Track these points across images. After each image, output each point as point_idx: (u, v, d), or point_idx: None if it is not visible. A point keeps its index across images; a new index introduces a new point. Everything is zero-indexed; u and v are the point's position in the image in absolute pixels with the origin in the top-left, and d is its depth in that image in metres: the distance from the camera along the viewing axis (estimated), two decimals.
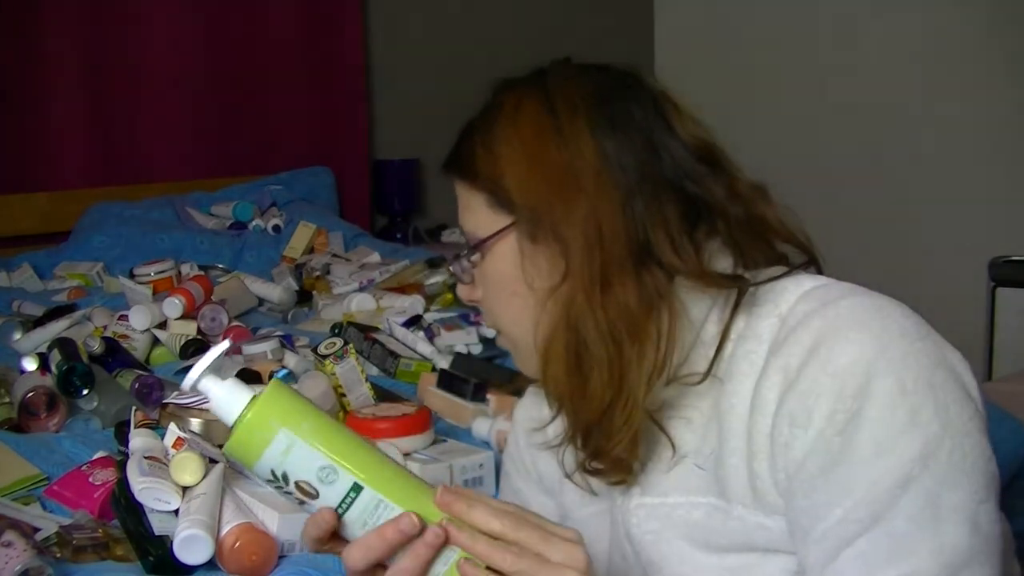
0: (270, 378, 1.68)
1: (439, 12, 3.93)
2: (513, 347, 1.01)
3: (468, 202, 0.99)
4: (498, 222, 0.96)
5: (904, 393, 0.86)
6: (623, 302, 0.91)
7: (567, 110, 0.95)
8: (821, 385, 0.87)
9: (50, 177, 3.18)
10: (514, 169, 0.95)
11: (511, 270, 0.96)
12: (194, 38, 3.39)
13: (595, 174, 0.92)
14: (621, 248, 0.91)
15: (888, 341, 0.87)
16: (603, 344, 0.91)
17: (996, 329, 3.26)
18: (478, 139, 0.98)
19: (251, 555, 1.15)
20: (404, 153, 3.77)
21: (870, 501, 0.85)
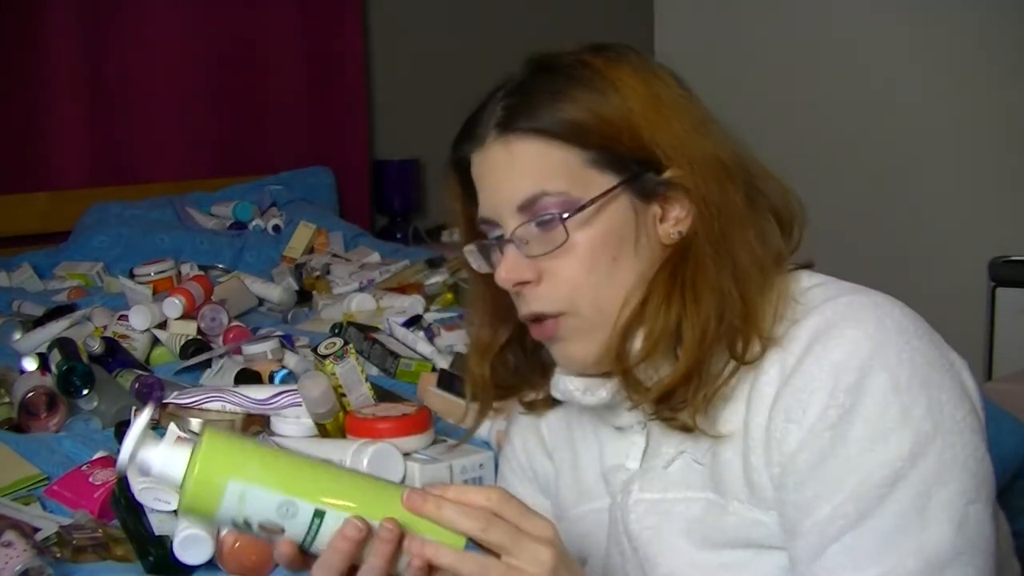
0: (270, 378, 1.69)
1: (439, 12, 3.93)
2: (581, 330, 0.95)
3: (547, 161, 0.92)
4: (598, 181, 0.92)
5: (897, 390, 0.86)
6: (743, 266, 0.91)
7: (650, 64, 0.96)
8: (816, 380, 0.87)
9: (50, 177, 3.17)
10: (639, 117, 0.91)
11: (617, 235, 0.92)
12: (194, 38, 3.39)
13: (712, 121, 0.94)
14: (743, 199, 0.92)
15: (884, 338, 0.87)
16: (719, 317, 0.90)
17: (996, 329, 3.26)
18: (573, 87, 0.93)
19: (251, 555, 1.15)
20: (404, 153, 3.77)
21: (858, 497, 0.85)
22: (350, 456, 1.29)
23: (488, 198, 0.96)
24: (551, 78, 0.94)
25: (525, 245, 0.93)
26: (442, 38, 3.92)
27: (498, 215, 0.95)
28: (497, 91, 0.97)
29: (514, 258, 0.94)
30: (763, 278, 0.92)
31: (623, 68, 0.93)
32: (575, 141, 0.91)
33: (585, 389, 0.97)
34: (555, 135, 0.91)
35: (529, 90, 0.94)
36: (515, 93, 0.95)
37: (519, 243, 0.93)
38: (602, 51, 0.95)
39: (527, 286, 0.94)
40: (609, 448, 1.03)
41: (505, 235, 0.94)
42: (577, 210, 0.91)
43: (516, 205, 0.93)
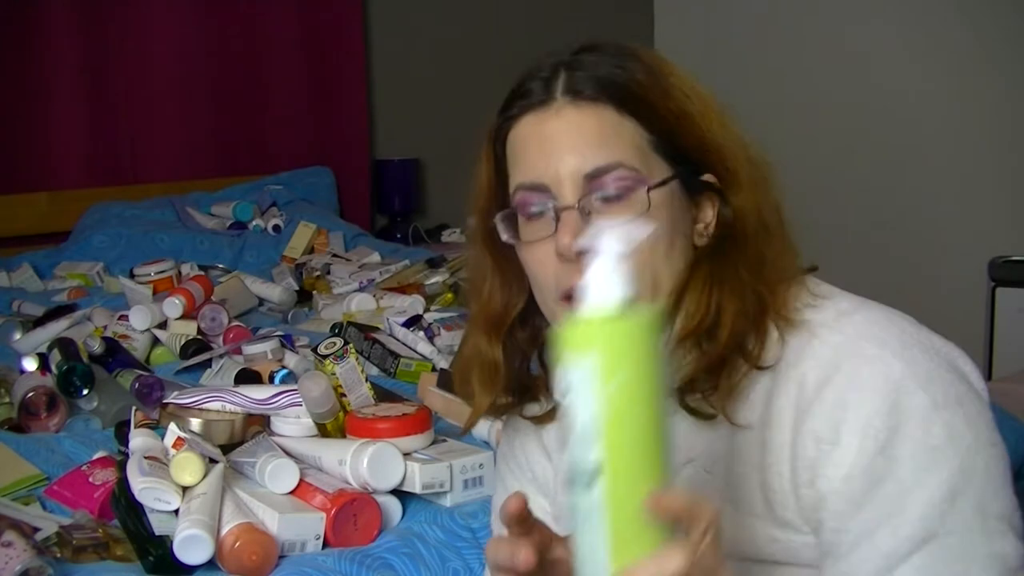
0: (270, 378, 1.69)
1: (439, 12, 3.93)
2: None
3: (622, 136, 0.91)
4: (659, 166, 0.92)
5: (937, 408, 0.86)
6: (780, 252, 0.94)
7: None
8: (848, 402, 0.86)
9: (50, 177, 3.17)
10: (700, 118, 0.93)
11: (674, 219, 0.92)
12: (194, 38, 3.39)
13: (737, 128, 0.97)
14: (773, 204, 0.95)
15: (911, 357, 0.87)
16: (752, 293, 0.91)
17: (996, 329, 3.26)
18: (648, 74, 0.93)
19: (251, 555, 1.15)
20: (404, 153, 3.77)
21: (921, 517, 0.84)
22: (350, 456, 1.29)
23: (547, 164, 0.91)
24: (612, 57, 0.93)
25: (588, 215, 0.90)
26: (442, 38, 3.92)
27: (557, 181, 0.91)
28: (550, 61, 0.94)
29: (576, 223, 0.90)
30: (786, 281, 0.93)
31: (671, 64, 0.95)
32: (645, 121, 0.91)
33: None
34: (629, 110, 0.91)
35: (596, 63, 0.93)
36: (580, 64, 0.93)
37: (583, 212, 0.90)
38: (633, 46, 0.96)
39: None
40: None
41: (565, 202, 0.90)
42: (660, 183, 0.91)
43: (585, 172, 0.90)
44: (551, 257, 0.91)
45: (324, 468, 1.32)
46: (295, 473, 1.27)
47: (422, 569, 1.22)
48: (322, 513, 1.23)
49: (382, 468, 1.28)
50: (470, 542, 1.28)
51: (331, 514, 1.23)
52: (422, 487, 1.30)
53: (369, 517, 1.26)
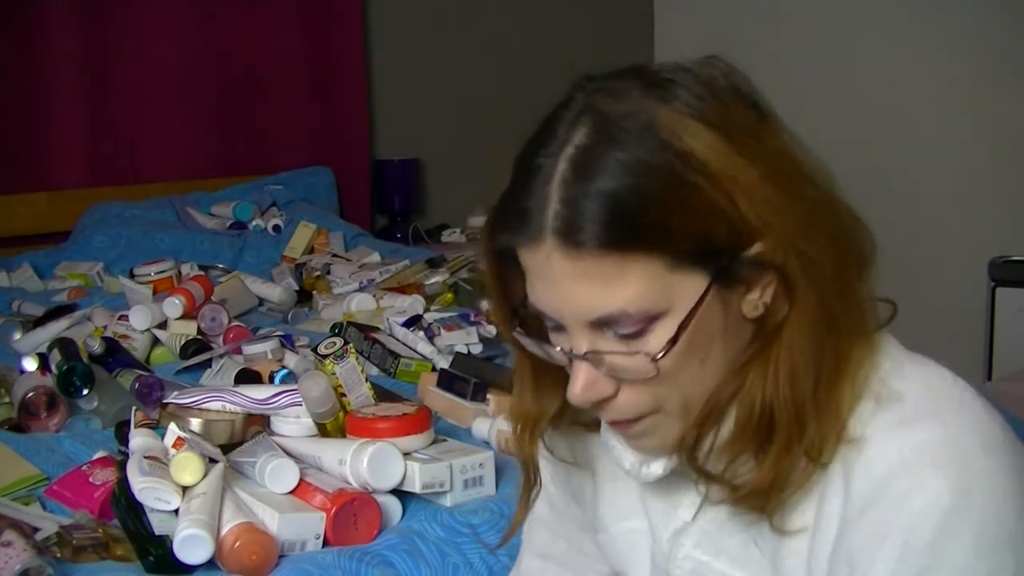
0: (270, 378, 1.69)
1: (439, 12, 3.93)
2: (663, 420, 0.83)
3: (627, 277, 0.77)
4: (680, 286, 0.78)
5: (981, 553, 0.76)
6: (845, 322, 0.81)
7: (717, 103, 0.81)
8: (889, 529, 0.77)
9: (50, 177, 3.17)
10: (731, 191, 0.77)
11: (704, 336, 0.79)
12: (194, 38, 3.39)
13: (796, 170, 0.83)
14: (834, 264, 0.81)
15: (968, 486, 0.77)
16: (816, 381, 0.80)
17: (996, 329, 3.25)
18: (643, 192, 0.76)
19: (251, 555, 1.15)
20: (404, 153, 3.77)
21: None
22: (350, 456, 1.29)
23: (549, 302, 0.81)
24: (618, 164, 0.76)
25: (601, 362, 0.80)
26: (442, 38, 3.91)
27: (563, 322, 0.81)
28: (549, 159, 0.79)
29: (589, 374, 0.80)
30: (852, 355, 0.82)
31: (694, 125, 0.78)
32: (656, 248, 0.76)
33: (641, 463, 0.89)
34: (631, 247, 0.76)
35: (591, 189, 0.76)
36: (574, 199, 0.77)
37: (594, 360, 0.80)
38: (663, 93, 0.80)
39: (605, 401, 0.82)
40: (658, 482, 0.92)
41: (576, 348, 0.81)
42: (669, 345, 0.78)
43: (588, 320, 0.79)
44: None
45: (324, 468, 1.32)
46: (295, 473, 1.27)
47: (422, 565, 1.22)
48: (322, 513, 1.23)
49: (382, 468, 1.28)
50: (470, 537, 1.28)
51: (331, 514, 1.23)
52: (422, 487, 1.30)
53: (369, 517, 1.26)
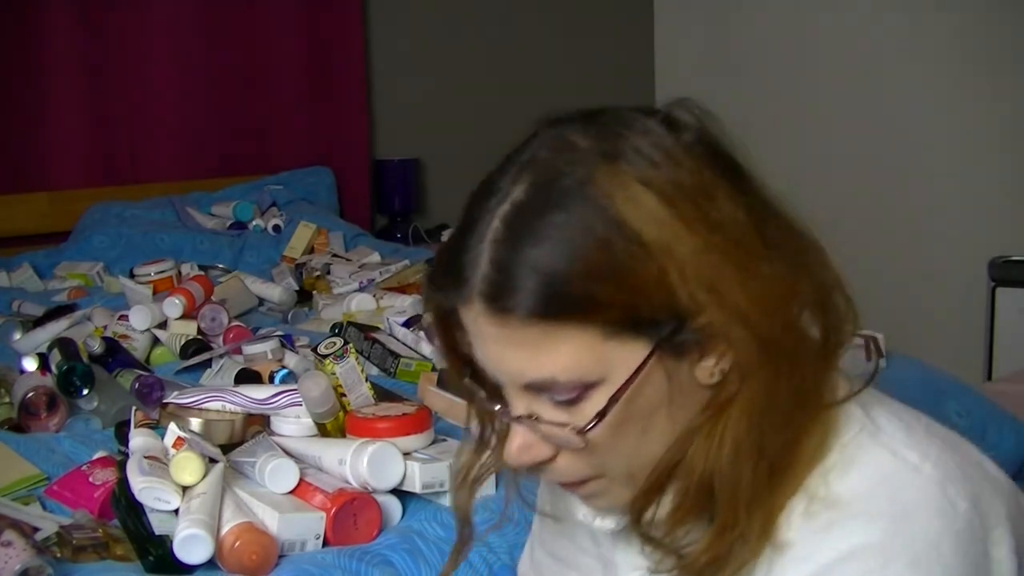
0: (270, 378, 1.69)
1: (439, 13, 3.93)
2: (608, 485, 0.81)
3: (556, 347, 0.74)
4: (616, 354, 0.74)
5: None
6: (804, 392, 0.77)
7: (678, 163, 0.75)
8: None
9: (50, 177, 3.17)
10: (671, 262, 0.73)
11: (652, 401, 0.76)
12: (194, 38, 3.39)
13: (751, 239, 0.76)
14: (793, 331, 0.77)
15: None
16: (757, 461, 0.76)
17: (996, 329, 3.26)
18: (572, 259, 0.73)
19: (251, 554, 1.15)
20: (404, 153, 3.77)
21: None
22: (350, 456, 1.29)
23: (485, 361, 0.79)
24: (550, 228, 0.73)
25: (537, 423, 0.78)
26: (442, 38, 3.91)
27: (502, 381, 0.79)
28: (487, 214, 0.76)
29: (525, 437, 0.79)
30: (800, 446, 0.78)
31: (635, 187, 0.73)
32: (588, 318, 0.73)
33: (594, 515, 0.87)
34: (561, 317, 0.73)
35: (520, 255, 0.73)
36: (503, 264, 0.74)
37: (530, 424, 0.78)
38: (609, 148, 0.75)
39: (543, 464, 0.80)
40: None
41: (512, 411, 0.79)
42: (597, 418, 0.76)
43: (521, 384, 0.77)
44: None
45: (324, 468, 1.32)
46: (295, 473, 1.27)
47: (421, 564, 1.22)
48: (322, 513, 1.23)
49: (382, 468, 1.28)
50: None
51: (331, 514, 1.23)
52: (422, 487, 1.30)
53: (369, 517, 1.26)
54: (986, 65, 3.53)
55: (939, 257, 3.65)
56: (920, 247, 3.70)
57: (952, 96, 3.62)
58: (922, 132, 3.69)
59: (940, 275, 3.61)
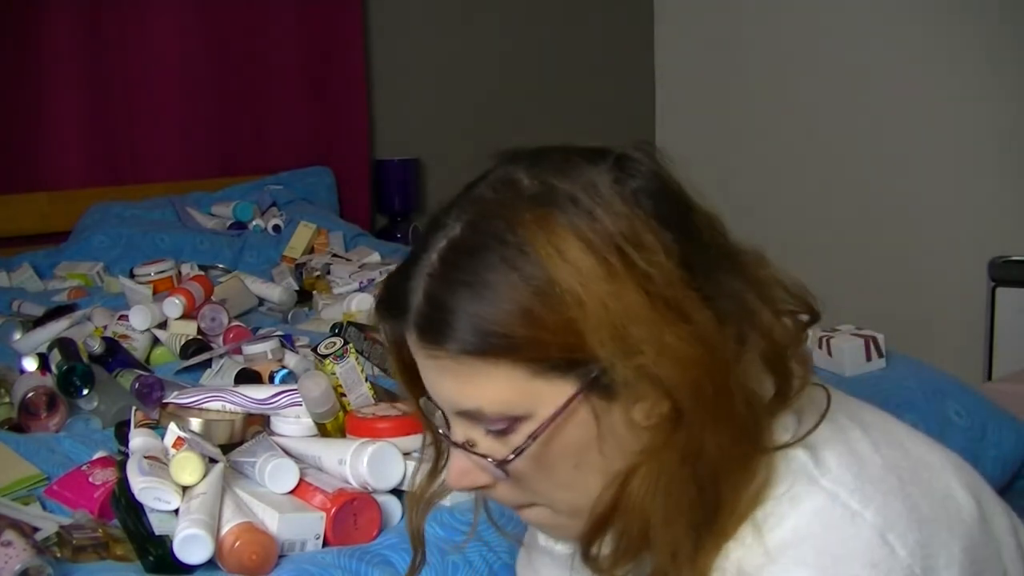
0: (270, 378, 1.69)
1: (439, 12, 3.93)
2: (556, 519, 0.84)
3: (484, 382, 0.77)
4: (543, 393, 0.77)
5: None
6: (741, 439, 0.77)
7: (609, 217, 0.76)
8: None
9: (50, 177, 3.18)
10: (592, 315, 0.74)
11: (580, 439, 0.78)
12: (194, 38, 3.39)
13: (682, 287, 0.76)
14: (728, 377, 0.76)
15: None
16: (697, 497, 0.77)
17: (996, 329, 3.26)
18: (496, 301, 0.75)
19: (251, 554, 1.15)
20: (404, 153, 3.77)
21: None
22: (350, 456, 1.29)
23: (426, 385, 0.83)
24: (478, 269, 0.76)
25: (473, 447, 0.81)
26: (442, 38, 3.92)
27: (438, 402, 0.83)
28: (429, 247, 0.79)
29: (463, 462, 0.82)
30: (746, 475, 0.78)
31: (563, 234, 0.75)
32: (514, 357, 0.76)
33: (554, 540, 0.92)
34: (487, 355, 0.76)
35: (449, 292, 0.77)
36: (437, 287, 0.78)
37: (464, 451, 0.81)
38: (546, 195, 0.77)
39: (490, 488, 0.83)
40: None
41: (451, 436, 0.82)
42: (516, 452, 0.78)
43: (455, 411, 0.81)
44: None
45: (324, 468, 1.32)
46: (295, 473, 1.27)
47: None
48: (322, 512, 1.23)
49: (382, 468, 1.28)
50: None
51: (331, 513, 1.23)
52: None
53: (369, 516, 1.26)
54: (986, 65, 3.53)
55: (939, 257, 3.65)
56: (920, 247, 3.70)
57: (952, 96, 3.62)
58: (922, 132, 3.69)
59: (940, 275, 3.61)
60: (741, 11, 4.12)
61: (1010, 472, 1.72)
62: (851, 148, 3.85)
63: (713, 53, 4.17)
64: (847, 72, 3.83)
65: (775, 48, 4.01)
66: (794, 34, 3.98)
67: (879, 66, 3.75)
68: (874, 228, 3.78)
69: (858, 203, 3.80)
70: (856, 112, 3.81)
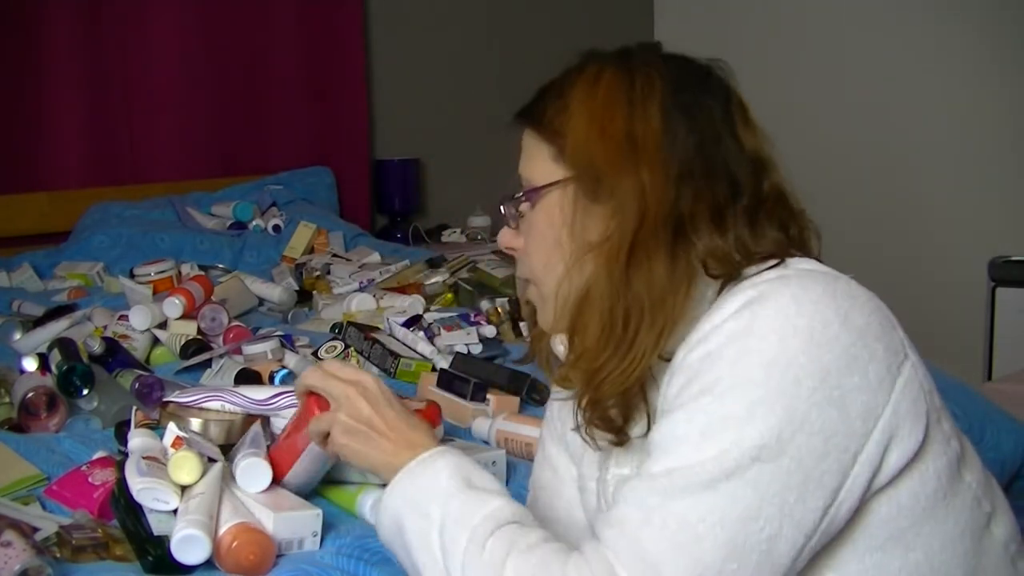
0: (270, 379, 1.69)
1: (439, 13, 3.93)
2: (541, 299, 1.07)
3: (532, 151, 1.06)
4: (556, 174, 1.03)
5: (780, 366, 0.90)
6: (653, 273, 0.97)
7: (644, 87, 1.01)
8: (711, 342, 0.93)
9: (50, 177, 3.18)
10: (580, 129, 1.01)
11: (560, 221, 1.02)
12: (194, 38, 3.39)
13: (655, 148, 0.99)
14: (663, 221, 0.98)
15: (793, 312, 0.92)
16: (623, 308, 0.97)
17: (996, 329, 3.26)
18: (554, 95, 1.04)
19: (248, 554, 1.15)
20: (404, 153, 3.77)
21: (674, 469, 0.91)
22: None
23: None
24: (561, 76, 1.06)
25: (510, 220, 1.09)
26: (442, 38, 3.92)
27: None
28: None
29: (507, 228, 1.10)
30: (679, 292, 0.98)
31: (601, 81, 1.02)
32: (548, 138, 1.04)
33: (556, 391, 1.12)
34: (537, 131, 1.06)
35: (548, 86, 1.07)
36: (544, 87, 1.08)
37: (507, 218, 1.09)
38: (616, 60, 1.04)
39: (516, 252, 1.10)
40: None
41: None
42: (527, 193, 1.05)
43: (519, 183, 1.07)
44: None
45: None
46: (267, 472, 1.25)
47: None
48: (318, 510, 1.23)
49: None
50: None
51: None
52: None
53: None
54: (987, 66, 3.53)
55: (939, 257, 3.65)
56: (920, 247, 3.70)
57: (952, 96, 3.62)
58: (922, 132, 3.69)
59: (940, 275, 3.61)
60: (741, 11, 4.12)
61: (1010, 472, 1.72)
62: (851, 148, 3.85)
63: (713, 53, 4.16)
64: (847, 72, 3.83)
65: (774, 49, 4.01)
66: (794, 36, 3.98)
67: (879, 66, 3.75)
68: (874, 228, 3.78)
69: (858, 203, 3.80)
70: (856, 112, 3.81)
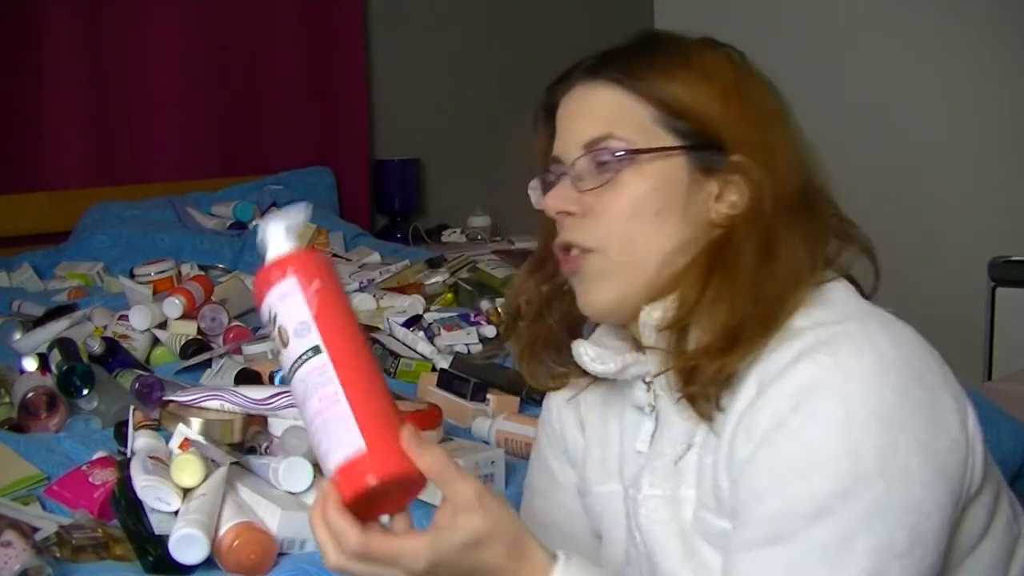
0: (271, 379, 1.69)
1: (439, 13, 3.93)
2: (609, 267, 0.96)
3: (621, 112, 0.96)
4: (663, 140, 0.95)
5: (849, 423, 0.84)
6: (795, 250, 0.93)
7: (743, 64, 1.01)
8: (774, 400, 0.87)
9: (50, 177, 3.17)
10: (701, 99, 0.95)
11: (669, 191, 0.95)
12: (194, 38, 3.39)
13: (783, 121, 0.99)
14: (800, 198, 0.96)
15: (854, 368, 0.86)
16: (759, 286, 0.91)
17: (996, 329, 3.25)
18: (664, 58, 0.97)
19: (249, 553, 1.15)
20: (404, 153, 3.77)
21: (779, 517, 0.86)
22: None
23: (561, 136, 1.00)
24: (646, 43, 1.00)
25: (579, 180, 0.97)
26: (442, 38, 3.91)
27: (565, 152, 0.99)
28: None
29: (565, 188, 0.98)
30: (796, 284, 0.93)
31: (714, 55, 0.99)
32: (650, 98, 0.96)
33: (596, 357, 0.99)
34: (632, 87, 0.96)
35: (623, 47, 1.00)
36: (612, 49, 1.00)
37: (574, 177, 0.97)
38: (706, 41, 1.01)
39: (569, 217, 0.97)
40: (629, 430, 1.03)
41: (566, 169, 0.98)
42: (631, 152, 0.95)
43: (583, 143, 0.97)
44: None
45: None
46: (308, 471, 1.25)
47: None
48: None
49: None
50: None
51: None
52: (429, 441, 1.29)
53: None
54: (986, 65, 3.53)
55: (939, 257, 3.64)
56: (920, 247, 3.70)
57: (952, 96, 3.62)
58: (922, 132, 3.69)
59: (940, 275, 3.61)
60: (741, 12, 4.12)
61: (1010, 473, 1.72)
62: (851, 148, 3.85)
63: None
64: (847, 72, 3.82)
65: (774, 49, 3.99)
66: (794, 35, 3.97)
67: (880, 66, 3.75)
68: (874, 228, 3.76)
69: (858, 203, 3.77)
70: (856, 112, 3.81)
